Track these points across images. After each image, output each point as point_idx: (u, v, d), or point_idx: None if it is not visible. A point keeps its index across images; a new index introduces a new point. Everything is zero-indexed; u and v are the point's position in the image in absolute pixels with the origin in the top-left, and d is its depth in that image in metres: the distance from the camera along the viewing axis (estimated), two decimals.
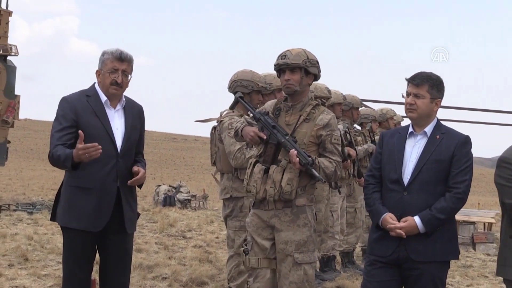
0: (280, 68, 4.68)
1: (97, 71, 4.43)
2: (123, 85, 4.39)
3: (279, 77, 4.77)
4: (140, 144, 4.64)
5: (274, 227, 4.64)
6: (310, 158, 4.42)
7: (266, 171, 4.59)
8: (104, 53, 4.40)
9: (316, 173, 4.43)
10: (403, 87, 4.32)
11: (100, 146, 4.06)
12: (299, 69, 4.63)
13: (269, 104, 4.87)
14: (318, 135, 4.62)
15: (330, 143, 4.62)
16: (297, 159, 4.40)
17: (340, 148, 4.69)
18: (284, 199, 4.55)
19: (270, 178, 4.56)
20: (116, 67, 4.35)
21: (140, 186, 4.56)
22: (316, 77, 4.77)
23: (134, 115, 4.52)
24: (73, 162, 4.08)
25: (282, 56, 4.66)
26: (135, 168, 4.41)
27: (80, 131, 4.10)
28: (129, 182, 4.37)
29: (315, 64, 4.70)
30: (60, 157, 4.16)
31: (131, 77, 4.44)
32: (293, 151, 4.42)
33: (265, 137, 4.59)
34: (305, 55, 4.65)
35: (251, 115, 4.89)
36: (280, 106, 4.77)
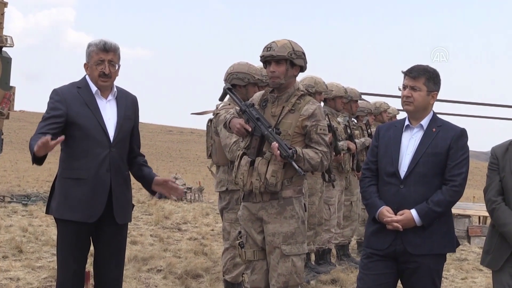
0: (266, 60, 4.66)
1: (85, 64, 4.40)
2: (111, 75, 4.35)
3: (265, 68, 4.74)
4: (136, 139, 4.60)
5: (262, 219, 4.63)
6: (291, 151, 4.40)
7: (252, 163, 4.58)
8: (89, 45, 4.36)
9: (296, 166, 4.40)
10: (400, 80, 4.31)
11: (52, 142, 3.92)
12: (284, 61, 4.60)
13: (257, 96, 4.86)
14: (303, 126, 4.60)
15: (315, 134, 4.60)
16: (278, 151, 4.39)
17: (326, 138, 4.67)
18: (270, 191, 4.54)
19: (256, 170, 4.55)
20: (102, 58, 4.30)
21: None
22: (302, 68, 4.74)
23: (128, 105, 4.48)
24: (34, 155, 4.01)
25: (268, 47, 4.64)
26: (161, 179, 4.50)
27: (62, 136, 4.03)
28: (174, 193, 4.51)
29: (301, 55, 4.67)
30: (30, 147, 4.12)
31: (119, 66, 4.40)
32: (274, 144, 4.41)
33: (250, 129, 4.58)
34: (290, 47, 4.62)
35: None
36: (267, 98, 4.75)
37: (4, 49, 17.35)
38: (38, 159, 4.06)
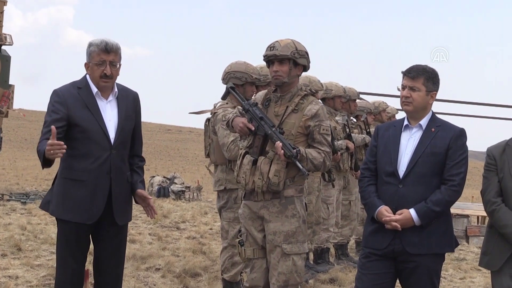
0: (269, 59, 4.66)
1: (85, 64, 4.35)
2: (113, 76, 4.33)
3: (268, 67, 4.74)
4: (138, 137, 4.57)
5: (264, 218, 4.63)
6: (295, 150, 4.40)
7: (255, 162, 4.58)
8: (90, 45, 4.32)
9: (301, 166, 4.40)
10: (398, 80, 4.31)
11: (64, 146, 3.97)
12: (287, 60, 4.59)
13: (260, 95, 4.86)
14: (307, 126, 4.59)
15: (318, 134, 4.59)
16: (282, 151, 4.39)
17: (329, 139, 4.67)
18: (272, 190, 4.54)
19: (258, 169, 4.54)
20: (103, 59, 4.26)
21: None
22: (305, 68, 4.74)
23: (128, 104, 4.45)
24: (44, 158, 4.03)
25: (271, 47, 4.63)
26: (141, 193, 4.47)
27: (52, 127, 3.99)
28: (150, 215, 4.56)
29: (304, 55, 4.67)
30: (38, 153, 4.14)
31: (120, 65, 4.36)
32: (278, 143, 4.40)
33: (253, 128, 4.57)
34: (293, 46, 4.61)
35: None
36: (270, 97, 4.75)
37: (3, 47, 17.34)
38: (48, 162, 4.08)
